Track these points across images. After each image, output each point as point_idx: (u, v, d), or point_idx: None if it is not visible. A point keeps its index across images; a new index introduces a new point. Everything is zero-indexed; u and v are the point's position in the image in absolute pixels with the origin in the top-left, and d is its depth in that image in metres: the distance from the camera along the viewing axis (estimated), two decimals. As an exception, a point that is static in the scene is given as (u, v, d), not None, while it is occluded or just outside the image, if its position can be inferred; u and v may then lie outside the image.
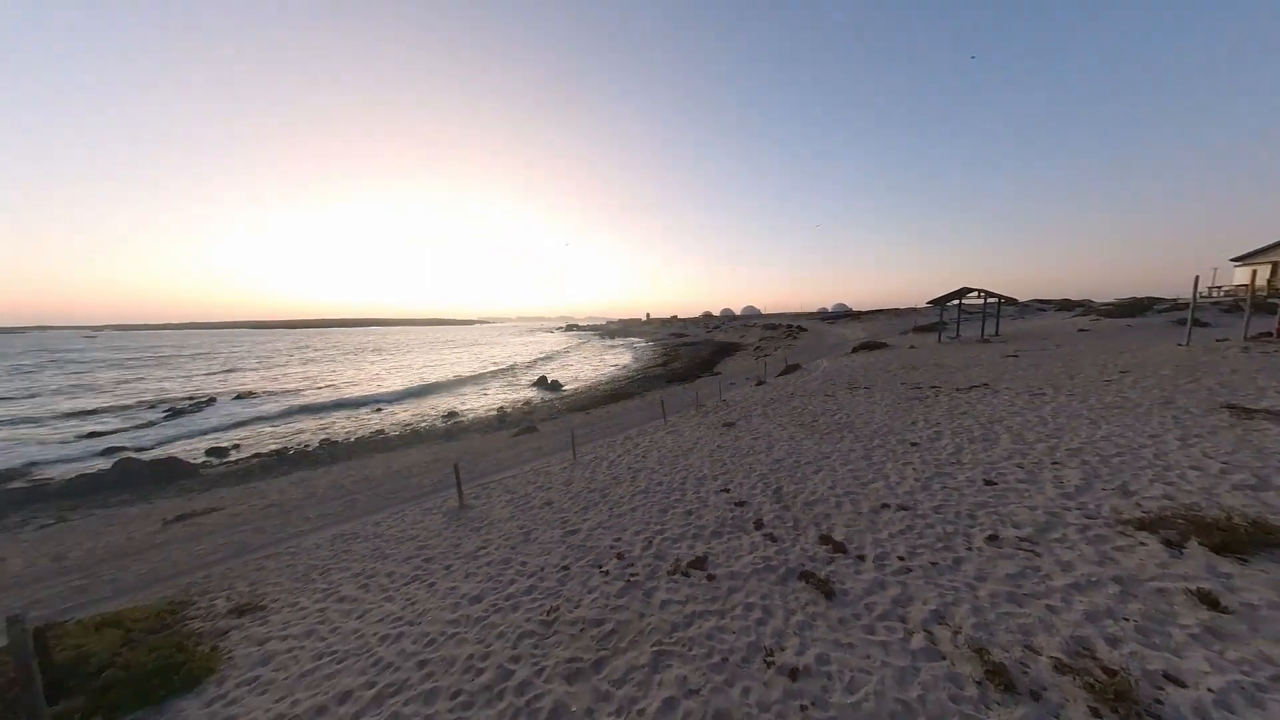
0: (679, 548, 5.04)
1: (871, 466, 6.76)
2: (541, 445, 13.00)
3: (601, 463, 9.20)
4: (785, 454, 7.95)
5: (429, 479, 10.73)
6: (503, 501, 7.62)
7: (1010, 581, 3.77)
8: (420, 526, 7.03)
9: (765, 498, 6.14)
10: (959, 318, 26.89)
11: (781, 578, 4.23)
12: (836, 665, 3.11)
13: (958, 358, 17.43)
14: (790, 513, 5.58)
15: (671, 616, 3.84)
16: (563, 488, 7.89)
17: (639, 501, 6.62)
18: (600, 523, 6.05)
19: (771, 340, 53.92)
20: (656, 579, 4.45)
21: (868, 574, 4.12)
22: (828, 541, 4.75)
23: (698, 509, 6.05)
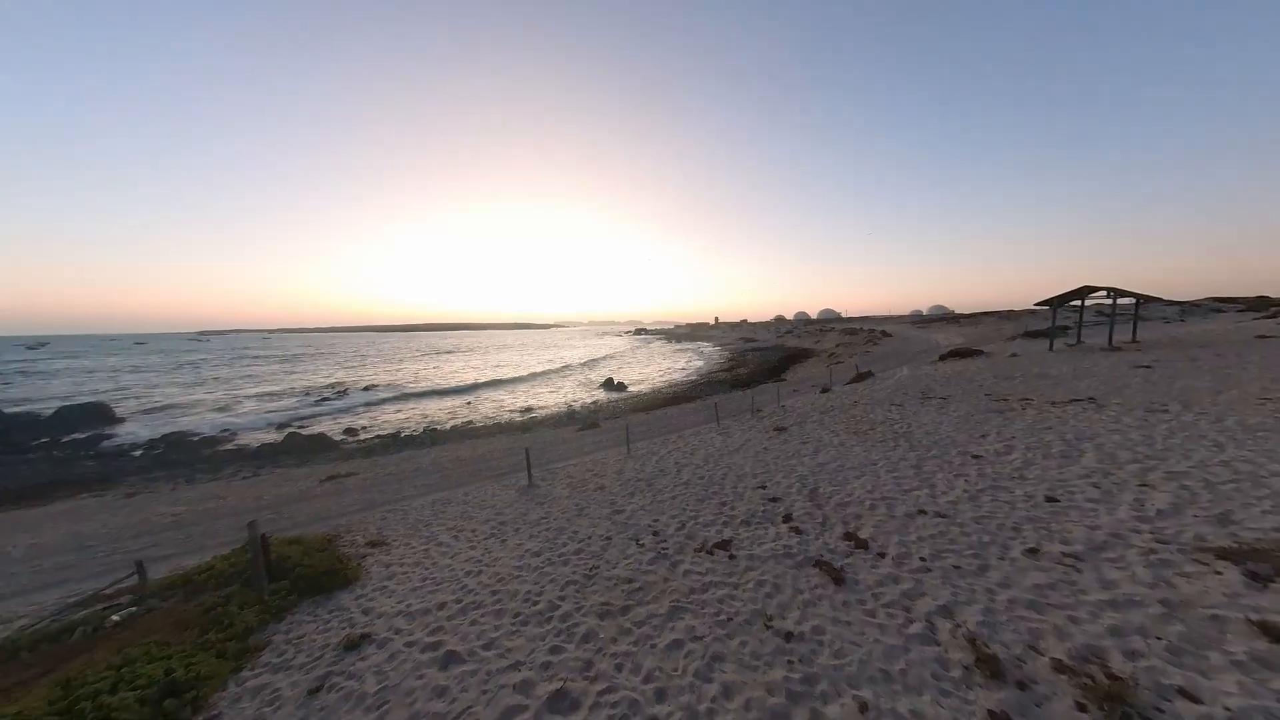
0: (709, 531, 5.58)
1: (919, 475, 6.59)
2: (601, 440, 14.14)
3: (652, 457, 9.94)
4: (830, 459, 7.96)
5: (506, 462, 12.40)
6: (563, 484, 8.73)
7: (1036, 591, 3.74)
8: (497, 498, 8.40)
9: (800, 496, 6.38)
10: (1081, 321, 22.87)
11: (798, 564, 4.58)
12: (830, 636, 3.47)
13: (1068, 368, 15.12)
14: (821, 511, 5.79)
15: (691, 583, 4.43)
16: (615, 476, 8.78)
17: (679, 492, 7.23)
18: (643, 506, 6.79)
19: (849, 346, 50.25)
20: (684, 554, 5.06)
21: (883, 569, 4.30)
22: (851, 538, 4.95)
23: (732, 501, 6.50)
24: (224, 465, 15.96)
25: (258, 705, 3.30)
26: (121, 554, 7.65)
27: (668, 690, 3.09)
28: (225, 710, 3.27)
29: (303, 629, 4.31)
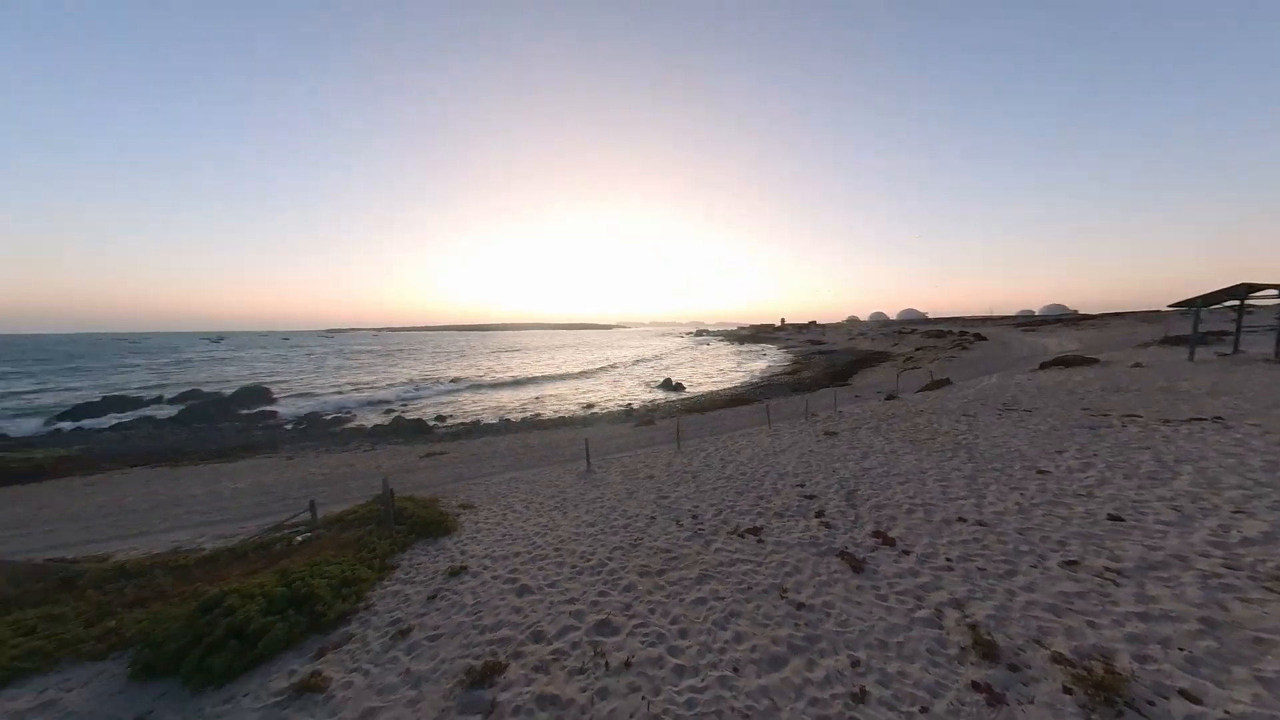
0: (743, 519, 6.12)
1: (970, 486, 6.46)
2: (655, 436, 14.99)
3: (699, 454, 10.54)
4: (877, 464, 7.96)
5: (567, 451, 13.79)
6: (617, 472, 9.70)
7: (1060, 597, 3.81)
8: (560, 479, 9.61)
9: (836, 496, 6.62)
10: (1240, 326, 18.74)
11: (821, 552, 4.98)
12: (838, 610, 3.92)
13: (1205, 382, 12.79)
14: (855, 510, 6.03)
15: (720, 558, 5.06)
16: (664, 468, 9.55)
17: (721, 484, 7.79)
18: (686, 494, 7.47)
19: (931, 350, 45.69)
20: (718, 535, 5.68)
21: (905, 564, 4.56)
22: (880, 536, 5.20)
23: (769, 495, 6.93)
24: (349, 440, 19.52)
25: (396, 602, 4.62)
26: (292, 499, 10.13)
27: (689, 630, 3.80)
28: (376, 602, 4.63)
29: (419, 559, 5.70)
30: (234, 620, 3.88)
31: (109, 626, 4.36)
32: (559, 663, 3.52)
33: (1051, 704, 2.80)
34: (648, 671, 3.36)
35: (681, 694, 3.12)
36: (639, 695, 3.13)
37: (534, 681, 3.32)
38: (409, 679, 3.46)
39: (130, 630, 4.23)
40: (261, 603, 4.10)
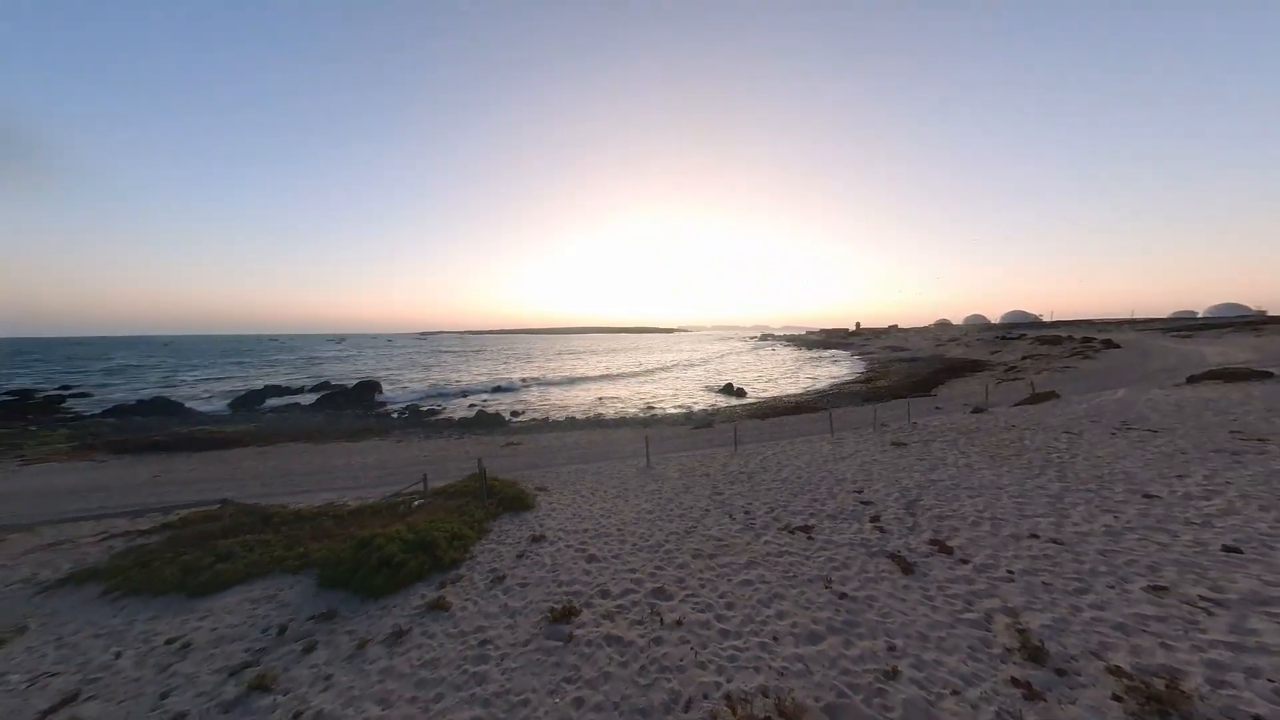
0: (795, 518, 6.37)
1: (1054, 505, 6.02)
2: (713, 438, 15.28)
3: (756, 457, 10.72)
4: (946, 477, 7.61)
5: (629, 449, 14.65)
6: (675, 469, 10.28)
7: (1135, 619, 3.65)
8: (621, 473, 10.44)
9: (896, 504, 6.55)
10: None
11: (871, 553, 5.12)
12: (881, 604, 4.13)
13: None
14: (914, 518, 5.97)
15: (768, 549, 5.42)
16: (720, 468, 9.92)
17: (776, 486, 8.01)
18: (740, 493, 7.83)
19: (1041, 359, 39.67)
20: (768, 530, 6.02)
21: (960, 571, 4.56)
22: (937, 544, 5.18)
23: (824, 499, 7.05)
24: (442, 429, 22.43)
25: (492, 556, 5.68)
26: (404, 473, 12.19)
27: (735, 604, 4.28)
28: (477, 555, 5.74)
29: (506, 527, 6.81)
30: (383, 554, 5.16)
31: (299, 552, 5.95)
32: (622, 615, 4.22)
33: (1096, 707, 2.85)
34: (696, 631, 3.91)
35: (725, 650, 3.63)
36: (688, 646, 3.71)
37: (602, 625, 4.05)
38: (506, 610, 4.39)
39: (314, 555, 5.76)
40: (399, 544, 5.37)
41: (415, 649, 3.88)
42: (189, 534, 6.92)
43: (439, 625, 4.21)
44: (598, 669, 3.49)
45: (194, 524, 7.47)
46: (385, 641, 4.00)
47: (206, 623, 4.51)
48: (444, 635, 4.05)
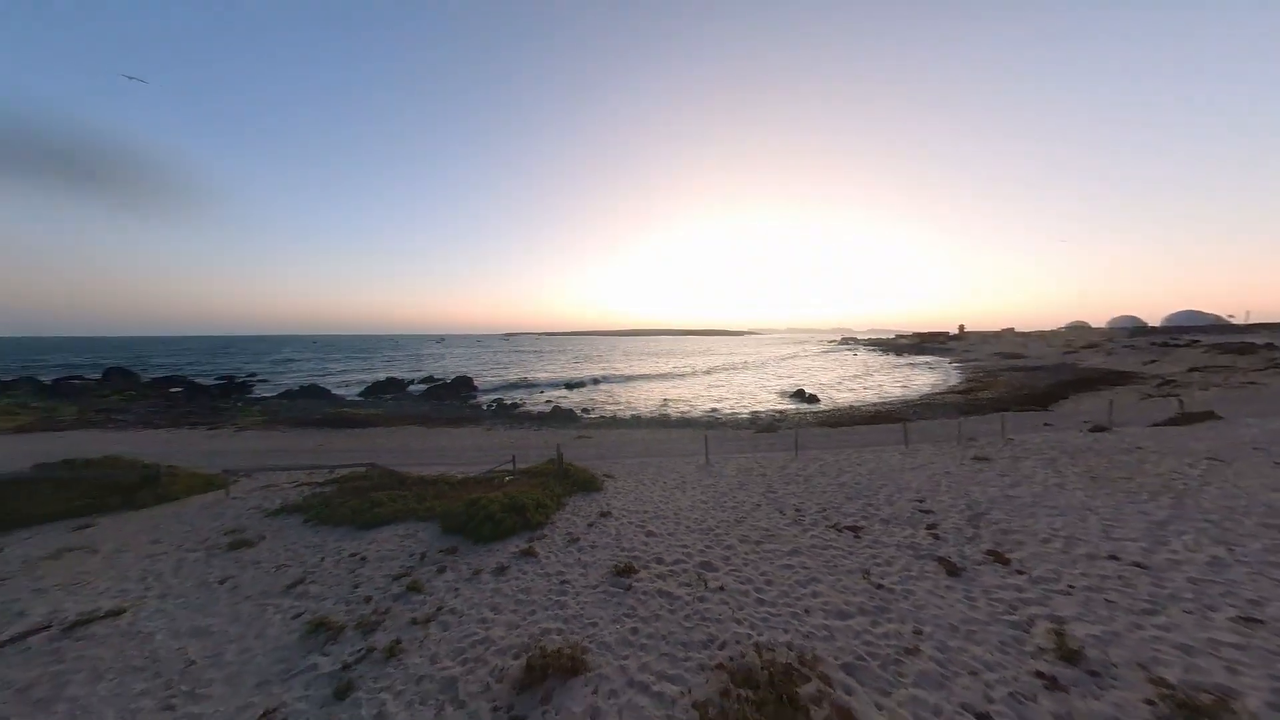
0: (845, 518, 6.59)
1: (1152, 531, 5.49)
2: (775, 443, 15.28)
3: (817, 462, 10.73)
4: (1027, 494, 7.13)
5: (690, 448, 15.27)
6: (732, 468, 10.75)
7: (1207, 644, 3.51)
8: (681, 468, 11.17)
9: (959, 516, 6.42)
10: None
11: (919, 555, 5.26)
12: (918, 597, 4.38)
13: None
14: (975, 530, 5.87)
15: (813, 542, 5.80)
16: (777, 470, 10.18)
17: (832, 490, 8.15)
18: (794, 493, 8.12)
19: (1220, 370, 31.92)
20: (816, 526, 6.35)
21: (1012, 580, 4.57)
22: (994, 555, 5.14)
23: (880, 505, 7.10)
24: (523, 421, 25.09)
25: (567, 524, 6.83)
26: (495, 454, 14.26)
27: (774, 581, 4.83)
28: (556, 521, 6.93)
29: (579, 503, 7.96)
30: (488, 511, 6.56)
31: (427, 505, 7.68)
32: (673, 577, 5.01)
33: (1121, 706, 2.97)
34: (736, 596, 4.56)
35: (759, 614, 4.24)
36: (727, 607, 4.37)
37: (655, 582, 4.88)
38: (580, 563, 5.43)
39: (437, 509, 7.41)
40: (499, 506, 6.75)
41: (513, 580, 5.08)
42: (349, 487, 9.18)
43: (529, 566, 5.38)
44: (650, 611, 4.33)
45: (351, 480, 9.82)
46: (492, 572, 5.27)
47: (372, 546, 6.23)
48: (533, 573, 5.21)
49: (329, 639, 4.08)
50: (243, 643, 4.14)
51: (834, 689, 3.18)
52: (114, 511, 8.33)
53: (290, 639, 4.14)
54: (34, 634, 4.44)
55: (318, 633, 4.17)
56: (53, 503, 8.21)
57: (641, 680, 3.37)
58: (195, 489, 9.65)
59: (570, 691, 3.28)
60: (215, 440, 18.61)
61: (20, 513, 7.91)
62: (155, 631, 4.41)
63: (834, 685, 3.22)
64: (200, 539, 6.83)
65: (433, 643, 3.96)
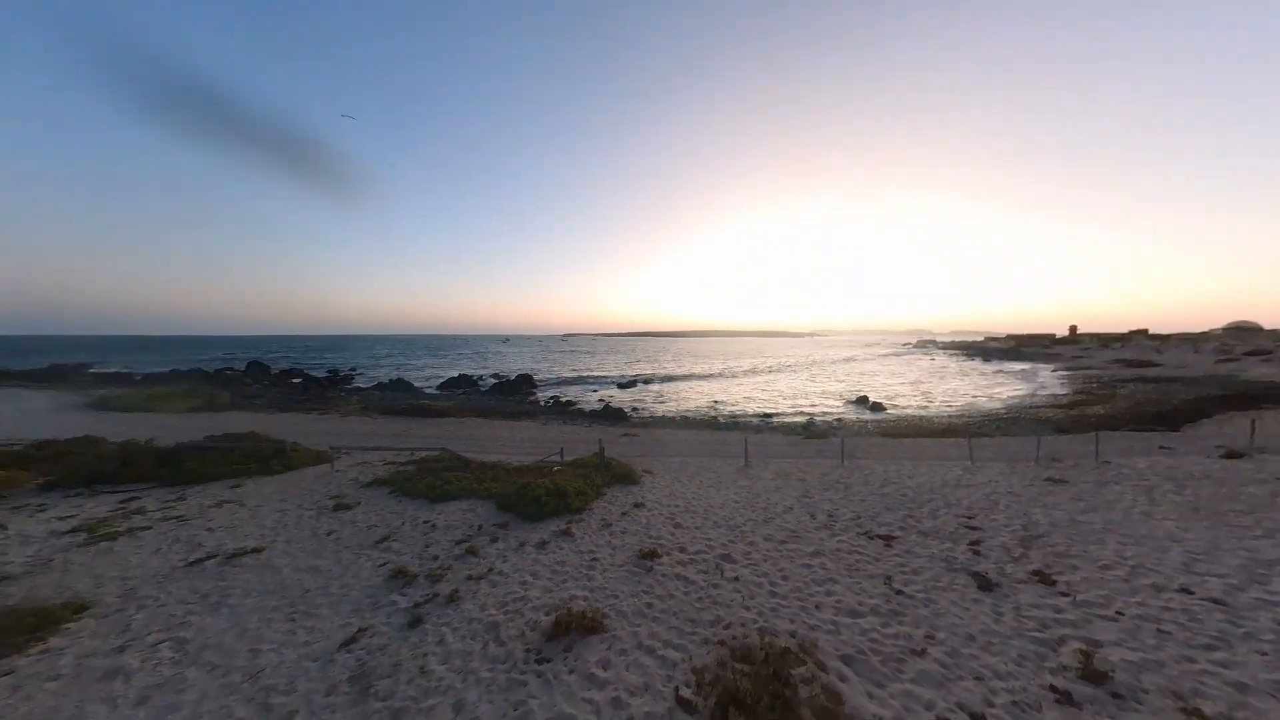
0: (878, 527, 6.46)
1: (1248, 568, 4.79)
2: (823, 450, 14.75)
3: (861, 471, 10.33)
4: (1100, 520, 6.42)
5: (732, 450, 15.28)
6: (771, 471, 10.71)
7: (1273, 686, 3.16)
8: (719, 469, 11.34)
9: (1009, 535, 6.01)
10: None
11: (952, 569, 5.09)
12: (940, 605, 4.33)
13: None
14: (1025, 550, 5.49)
15: (840, 546, 5.82)
16: (817, 477, 9.99)
17: (871, 499, 7.91)
18: (830, 499, 8.01)
19: None
20: (846, 532, 6.32)
21: (1053, 601, 4.32)
22: (1040, 574, 4.84)
23: (921, 517, 6.82)
24: (576, 417, 26.49)
25: (603, 511, 7.44)
26: (548, 446, 15.43)
27: (790, 577, 5.00)
28: (593, 508, 7.57)
29: (616, 494, 8.55)
30: (535, 495, 7.38)
31: (486, 486, 8.74)
32: (693, 564, 5.37)
33: (1140, 730, 2.86)
34: (750, 587, 4.82)
35: (769, 604, 4.47)
36: (739, 595, 4.66)
37: (675, 568, 5.28)
38: (610, 544, 5.99)
39: (494, 490, 8.42)
40: (545, 490, 7.55)
41: (551, 553, 5.77)
42: (425, 467, 10.63)
43: (566, 544, 6.05)
44: (667, 591, 4.75)
45: (427, 462, 11.34)
46: (535, 545, 6.01)
47: (441, 516, 7.31)
48: (569, 550, 5.86)
49: (405, 583, 5.03)
50: (342, 580, 5.23)
51: (827, 674, 3.38)
52: (255, 475, 10.47)
53: (377, 581, 5.16)
54: (208, 560, 5.95)
55: (397, 578, 5.15)
56: (216, 466, 10.53)
57: (650, 645, 3.82)
58: (310, 462, 11.75)
59: (588, 645, 3.82)
60: (324, 423, 22.05)
61: (195, 472, 10.25)
62: (283, 566, 5.69)
63: (828, 671, 3.42)
64: (313, 501, 8.44)
65: (483, 595, 4.74)
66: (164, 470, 10.25)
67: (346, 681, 3.49)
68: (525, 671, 3.54)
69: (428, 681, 3.46)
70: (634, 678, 3.43)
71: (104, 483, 9.64)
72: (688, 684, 3.33)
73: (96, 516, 7.59)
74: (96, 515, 7.66)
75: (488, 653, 3.80)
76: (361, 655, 3.81)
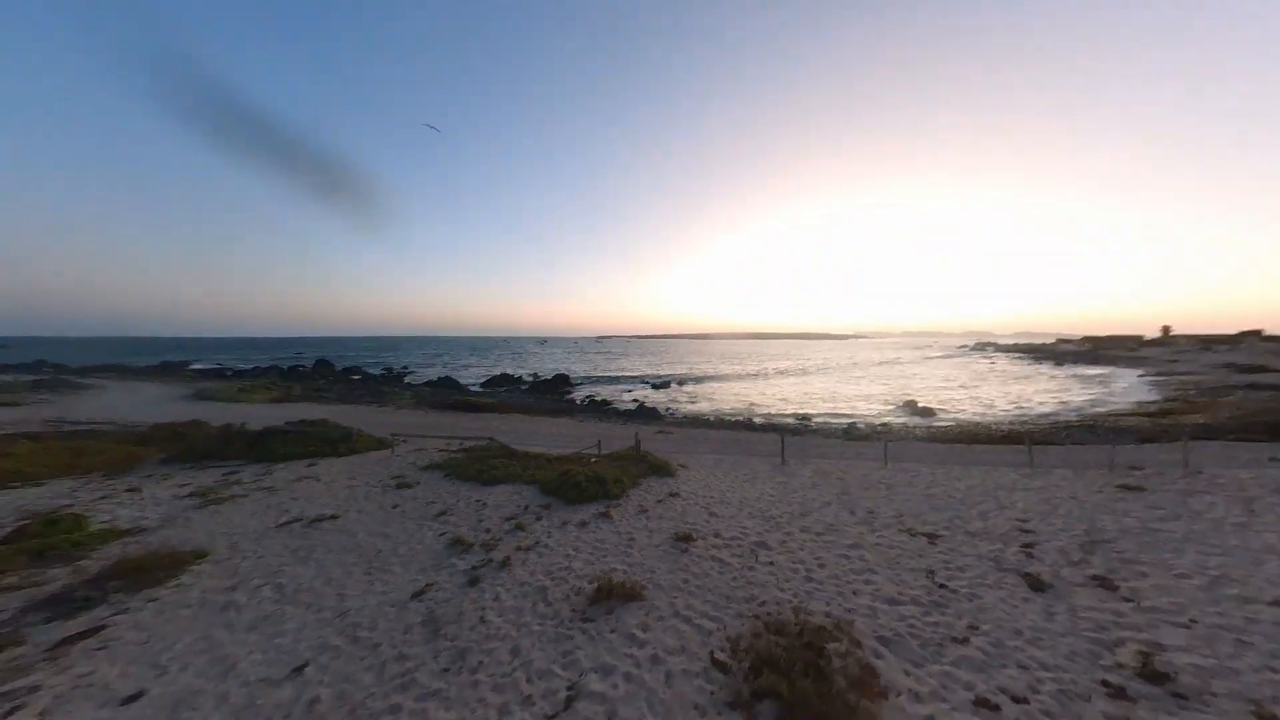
0: (924, 526, 6.27)
1: (1364, 585, 4.26)
2: (865, 452, 14.23)
3: (906, 473, 9.93)
4: (1182, 530, 5.87)
5: (769, 449, 15.08)
6: (809, 470, 10.54)
7: (1375, 702, 2.88)
8: (755, 466, 11.28)
9: (1070, 541, 5.66)
10: None
11: (1001, 569, 4.91)
12: (986, 601, 4.22)
13: None
14: (1085, 556, 5.18)
15: (879, 542, 5.73)
16: (858, 477, 9.72)
17: (915, 499, 7.65)
18: (870, 498, 7.82)
19: None
20: (887, 529, 6.20)
21: (1114, 605, 4.10)
22: (1101, 579, 4.57)
23: (970, 518, 6.54)
24: (611, 415, 27.03)
25: (639, 499, 7.71)
26: (585, 441, 15.95)
27: (826, 565, 5.03)
28: (630, 495, 7.87)
29: (652, 484, 8.80)
30: (575, 480, 7.79)
31: (530, 473, 9.28)
32: (728, 549, 5.51)
33: (1205, 729, 2.73)
34: (785, 571, 4.90)
35: (805, 588, 4.55)
36: (774, 578, 4.76)
37: (711, 551, 5.45)
38: (647, 528, 6.25)
39: (537, 476, 8.93)
40: (585, 477, 7.94)
41: (591, 532, 6.11)
42: (474, 454, 11.39)
43: (605, 525, 6.37)
44: (702, 570, 4.93)
45: (476, 450, 12.13)
46: (576, 525, 6.38)
47: (491, 497, 7.88)
48: (607, 530, 6.18)
49: (463, 550, 5.54)
50: (409, 545, 5.83)
51: (863, 651, 3.44)
52: (327, 456, 11.66)
53: (438, 546, 5.71)
54: (294, 522, 6.80)
55: (456, 546, 5.68)
56: (295, 447, 11.83)
57: (685, 614, 4.03)
58: (372, 447, 12.90)
59: (628, 610, 4.08)
60: (382, 414, 23.92)
61: (279, 452, 11.58)
62: (357, 531, 6.41)
63: (863, 649, 3.47)
64: (378, 479, 9.32)
65: (531, 563, 5.14)
66: (254, 450, 11.64)
67: (419, 624, 3.97)
68: (571, 628, 3.86)
69: (487, 629, 3.86)
70: (671, 640, 3.65)
71: (209, 459, 11.12)
72: (722, 649, 3.51)
73: (206, 485, 8.81)
74: (206, 484, 8.89)
75: (537, 610, 4.17)
76: (430, 604, 4.30)
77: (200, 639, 3.89)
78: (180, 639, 3.89)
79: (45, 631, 4.06)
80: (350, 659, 3.53)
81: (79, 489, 8.51)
